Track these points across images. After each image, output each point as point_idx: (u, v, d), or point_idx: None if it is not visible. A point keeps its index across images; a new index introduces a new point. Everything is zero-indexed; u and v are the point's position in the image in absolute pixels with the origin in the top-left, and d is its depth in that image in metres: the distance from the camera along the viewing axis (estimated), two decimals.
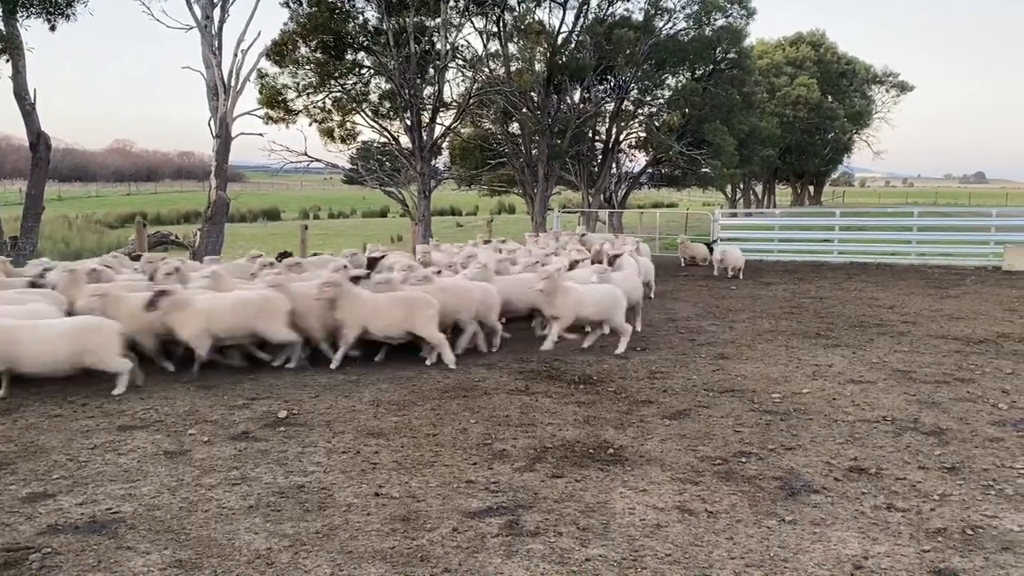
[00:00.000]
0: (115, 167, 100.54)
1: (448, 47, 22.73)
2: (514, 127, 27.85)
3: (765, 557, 4.10)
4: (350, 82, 23.87)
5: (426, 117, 23.06)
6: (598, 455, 5.62)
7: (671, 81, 29.47)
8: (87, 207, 51.01)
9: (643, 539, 4.30)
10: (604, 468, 5.37)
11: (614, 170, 31.94)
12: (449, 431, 6.16)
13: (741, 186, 53.05)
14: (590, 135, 29.86)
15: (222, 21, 18.73)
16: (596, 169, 30.36)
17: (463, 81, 26.27)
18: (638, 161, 33.37)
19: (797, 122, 47.69)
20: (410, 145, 23.20)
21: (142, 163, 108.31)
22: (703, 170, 30.64)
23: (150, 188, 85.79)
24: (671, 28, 27.48)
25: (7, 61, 16.62)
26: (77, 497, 4.84)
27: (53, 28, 17.32)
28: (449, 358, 8.34)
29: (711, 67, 29.00)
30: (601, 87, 28.23)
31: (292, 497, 4.85)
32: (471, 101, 24.08)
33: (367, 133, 25.88)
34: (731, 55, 29.31)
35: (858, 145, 65.55)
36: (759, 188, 59.54)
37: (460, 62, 25.14)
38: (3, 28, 16.42)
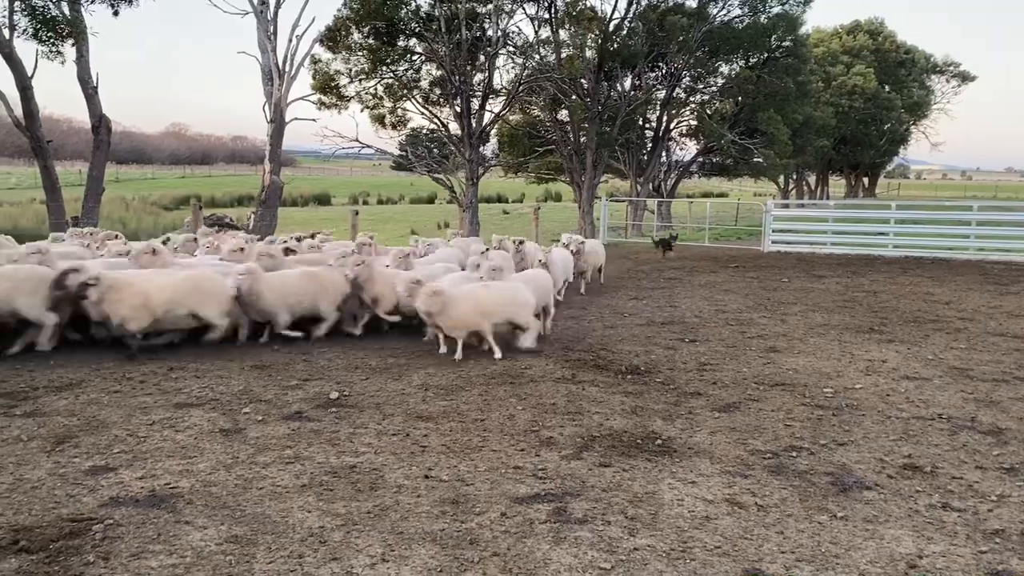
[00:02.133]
0: (171, 150, 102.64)
1: (499, 34, 22.72)
2: (563, 114, 27.73)
3: (816, 552, 4.05)
4: (401, 68, 24.01)
5: (475, 104, 23.11)
6: (646, 445, 5.61)
7: (724, 69, 29.06)
8: (143, 189, 52.18)
9: (692, 531, 4.28)
10: (652, 459, 5.36)
11: (664, 158, 31.66)
12: (496, 417, 6.20)
13: (794, 176, 52.20)
14: (640, 123, 29.61)
15: (277, 7, 19.04)
16: (645, 157, 30.10)
17: (513, 68, 26.27)
18: (688, 150, 33.05)
19: (852, 112, 46.76)
20: (459, 132, 23.29)
21: (197, 147, 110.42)
22: (755, 160, 30.18)
23: (204, 171, 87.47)
24: (725, 15, 27.09)
25: (72, 45, 17.06)
26: (137, 471, 4.98)
27: (116, 13, 17.76)
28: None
29: (765, 55, 28.50)
30: (652, 74, 27.97)
31: (344, 477, 4.94)
32: (520, 88, 24.04)
33: (417, 120, 26.05)
34: (786, 43, 28.78)
35: (915, 136, 64.10)
36: (812, 179, 58.52)
37: (510, 49, 25.11)
38: (68, 13, 16.85)
